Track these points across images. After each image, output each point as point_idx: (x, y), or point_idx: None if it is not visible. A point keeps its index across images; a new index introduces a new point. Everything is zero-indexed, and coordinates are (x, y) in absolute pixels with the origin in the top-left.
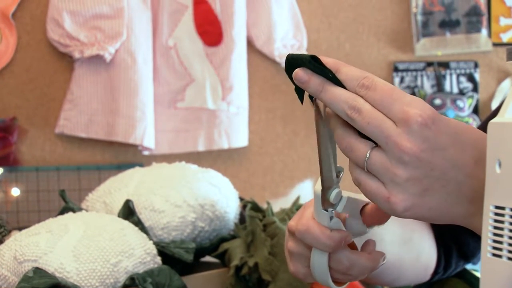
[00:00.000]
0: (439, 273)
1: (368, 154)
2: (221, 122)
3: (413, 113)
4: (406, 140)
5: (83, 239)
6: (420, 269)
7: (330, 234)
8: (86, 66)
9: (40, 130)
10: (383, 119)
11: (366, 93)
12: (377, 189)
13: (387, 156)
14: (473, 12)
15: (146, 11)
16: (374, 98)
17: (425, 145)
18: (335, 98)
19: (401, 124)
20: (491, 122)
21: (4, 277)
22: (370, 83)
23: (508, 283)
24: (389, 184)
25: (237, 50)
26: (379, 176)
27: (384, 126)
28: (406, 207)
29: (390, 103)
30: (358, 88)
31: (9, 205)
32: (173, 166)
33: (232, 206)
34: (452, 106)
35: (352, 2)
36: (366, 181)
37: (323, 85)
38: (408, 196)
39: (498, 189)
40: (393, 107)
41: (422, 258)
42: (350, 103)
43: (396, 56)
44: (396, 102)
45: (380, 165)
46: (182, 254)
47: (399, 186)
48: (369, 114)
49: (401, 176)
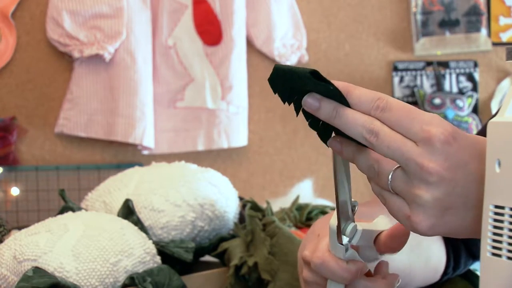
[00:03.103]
0: (448, 274)
1: (390, 177)
2: (221, 121)
3: (435, 131)
4: (428, 160)
5: (82, 239)
6: (429, 273)
7: (347, 267)
8: (86, 66)
9: (39, 130)
10: (402, 141)
11: (382, 115)
12: (399, 207)
13: (409, 177)
14: (472, 12)
15: (145, 10)
16: (391, 120)
17: (448, 163)
18: (351, 123)
19: (422, 143)
20: (490, 122)
21: (4, 276)
22: (384, 105)
23: (508, 283)
24: (412, 204)
25: (236, 49)
26: (403, 196)
27: (404, 148)
28: (427, 226)
29: (408, 123)
30: (373, 110)
31: (9, 205)
32: (172, 166)
33: (231, 206)
34: (451, 106)
35: (351, 1)
36: (389, 199)
37: (337, 109)
38: (429, 216)
39: (497, 189)
40: (413, 127)
41: (431, 262)
42: (367, 126)
43: (396, 55)
44: (415, 121)
45: (403, 186)
46: (182, 253)
47: (421, 207)
48: (387, 137)
49: (423, 197)
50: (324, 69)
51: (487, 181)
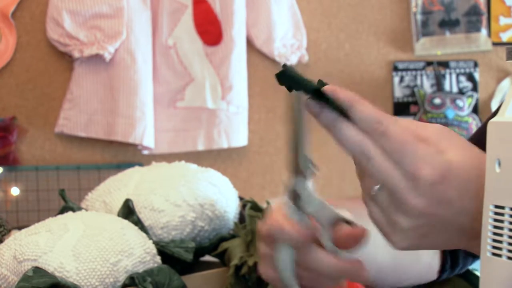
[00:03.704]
0: (446, 271)
1: (374, 192)
2: (221, 121)
3: (423, 171)
4: (412, 196)
5: (82, 239)
6: (422, 269)
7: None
8: (86, 66)
9: (39, 130)
10: (392, 171)
11: (379, 139)
12: (379, 221)
13: (391, 201)
14: (472, 12)
15: (145, 10)
16: (386, 147)
17: (432, 201)
18: (346, 139)
19: (410, 179)
20: (490, 122)
21: (4, 276)
22: (384, 130)
23: (508, 283)
24: (390, 225)
25: (236, 49)
26: (383, 212)
27: (392, 180)
28: (403, 247)
29: (402, 156)
30: (371, 131)
31: (9, 205)
32: (172, 166)
33: (231, 206)
34: (451, 106)
35: (351, 1)
36: (372, 208)
37: (335, 122)
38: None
39: (497, 189)
40: (405, 160)
41: (423, 258)
42: (361, 148)
43: (396, 55)
44: (408, 156)
45: (384, 206)
46: (182, 253)
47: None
48: (378, 164)
49: (401, 225)
50: (324, 69)
51: (487, 180)
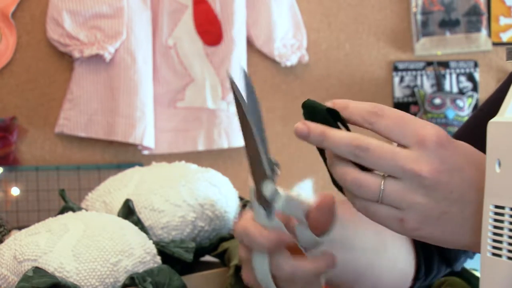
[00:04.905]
0: (420, 279)
1: (382, 186)
2: (221, 121)
3: (428, 133)
4: (423, 164)
5: (82, 239)
6: (397, 277)
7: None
8: (86, 66)
9: (40, 130)
10: (394, 150)
11: (376, 120)
12: (388, 213)
13: (404, 184)
14: (472, 12)
15: (146, 10)
16: (386, 124)
17: (444, 166)
18: (338, 142)
19: (416, 147)
20: (491, 122)
21: (4, 276)
22: (379, 110)
23: (508, 283)
24: (406, 209)
25: (237, 49)
26: (396, 205)
27: (397, 156)
28: (418, 226)
29: (403, 127)
30: (368, 116)
31: (9, 205)
32: (172, 166)
33: (232, 206)
34: (451, 106)
35: (351, 1)
36: (378, 210)
37: (324, 133)
38: (424, 217)
39: (498, 189)
40: (407, 131)
41: (398, 265)
42: (354, 143)
43: (396, 55)
44: (408, 126)
45: (397, 194)
46: (182, 253)
47: (417, 212)
48: (378, 148)
49: (420, 202)
50: (324, 69)
51: (487, 181)
